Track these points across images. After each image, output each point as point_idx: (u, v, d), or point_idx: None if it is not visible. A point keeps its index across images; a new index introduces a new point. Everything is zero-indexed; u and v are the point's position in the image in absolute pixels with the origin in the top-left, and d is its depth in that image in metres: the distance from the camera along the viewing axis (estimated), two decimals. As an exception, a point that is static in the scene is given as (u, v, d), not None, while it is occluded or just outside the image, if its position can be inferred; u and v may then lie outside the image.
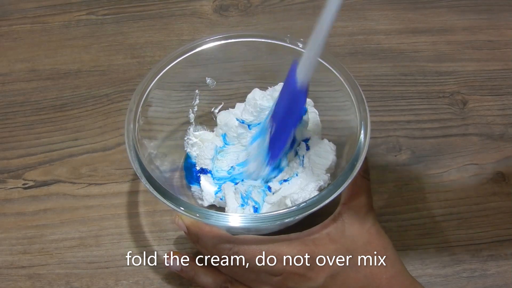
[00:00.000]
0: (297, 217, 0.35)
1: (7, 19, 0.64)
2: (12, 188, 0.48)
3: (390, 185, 0.48)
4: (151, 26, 0.63)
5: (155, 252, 0.44)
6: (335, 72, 0.42)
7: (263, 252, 0.36)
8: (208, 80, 0.46)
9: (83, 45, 0.61)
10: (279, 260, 0.36)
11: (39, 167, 0.50)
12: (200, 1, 0.65)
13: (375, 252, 0.37)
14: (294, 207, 0.35)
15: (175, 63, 0.43)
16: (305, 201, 0.35)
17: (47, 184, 0.49)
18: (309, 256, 0.36)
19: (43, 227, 0.46)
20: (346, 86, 0.41)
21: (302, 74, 0.37)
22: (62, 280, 0.43)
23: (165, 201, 0.35)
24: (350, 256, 0.36)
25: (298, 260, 0.36)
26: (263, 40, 0.44)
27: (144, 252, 0.44)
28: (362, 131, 0.39)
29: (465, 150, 0.51)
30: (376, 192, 0.48)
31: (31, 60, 0.59)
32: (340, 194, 0.36)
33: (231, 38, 0.44)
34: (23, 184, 0.49)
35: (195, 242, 0.38)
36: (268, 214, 0.34)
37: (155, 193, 0.35)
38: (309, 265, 0.36)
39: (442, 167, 0.49)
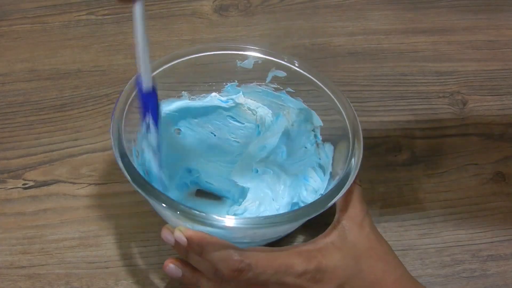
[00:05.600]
0: (293, 224, 0.35)
1: (7, 19, 0.64)
2: (12, 188, 0.48)
3: (390, 185, 0.48)
4: (151, 26, 0.63)
5: (155, 252, 0.44)
6: (319, 83, 0.42)
7: (276, 265, 0.35)
8: (184, 93, 0.46)
9: (83, 45, 0.61)
10: (290, 273, 0.35)
11: (39, 167, 0.50)
12: (200, 1, 0.65)
13: (378, 258, 0.37)
14: (290, 212, 0.35)
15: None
16: (307, 205, 0.35)
17: (47, 184, 0.48)
18: (317, 268, 0.35)
19: (43, 227, 0.46)
20: (333, 98, 0.42)
21: (144, 81, 0.36)
22: (62, 280, 0.43)
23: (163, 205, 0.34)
24: (356, 264, 0.36)
25: (308, 273, 0.35)
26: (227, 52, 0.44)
27: (144, 252, 0.44)
28: (355, 147, 0.38)
29: (465, 150, 0.51)
30: (376, 192, 0.48)
31: (31, 60, 0.59)
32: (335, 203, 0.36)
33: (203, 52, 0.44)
34: (23, 184, 0.49)
35: (199, 254, 0.36)
36: (266, 218, 0.34)
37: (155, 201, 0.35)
38: (318, 277, 0.36)
39: (442, 167, 0.49)
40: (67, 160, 0.50)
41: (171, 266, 0.38)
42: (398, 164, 0.50)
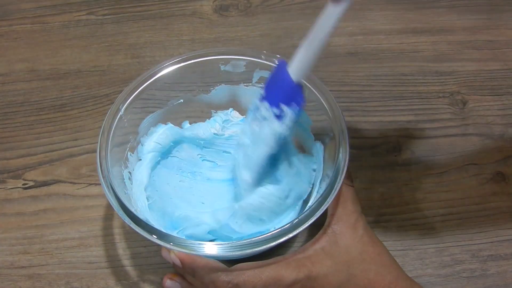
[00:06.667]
0: (289, 236, 0.34)
1: (7, 19, 0.64)
2: (12, 188, 0.48)
3: (390, 185, 0.48)
4: (151, 26, 0.63)
5: (155, 252, 0.44)
6: (307, 84, 0.41)
7: (264, 280, 0.35)
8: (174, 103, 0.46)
9: (83, 45, 0.61)
10: (280, 285, 0.35)
11: (39, 167, 0.50)
12: (200, 1, 0.66)
13: (371, 261, 0.37)
14: (285, 226, 0.34)
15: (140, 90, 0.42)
16: (291, 222, 0.35)
17: (47, 184, 0.49)
18: (308, 277, 0.35)
19: (43, 227, 0.46)
20: (318, 96, 0.41)
21: (297, 73, 0.37)
22: (62, 280, 0.43)
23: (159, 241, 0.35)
24: (348, 269, 0.36)
25: (297, 283, 0.35)
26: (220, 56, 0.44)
27: (144, 252, 0.44)
28: (340, 149, 0.38)
29: (465, 150, 0.51)
30: (376, 192, 0.48)
31: (31, 60, 0.59)
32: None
33: (188, 60, 0.44)
34: (23, 184, 0.49)
35: (192, 275, 0.37)
36: (258, 238, 0.34)
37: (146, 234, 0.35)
38: (308, 285, 0.35)
39: (442, 167, 0.49)
40: (67, 160, 0.50)
41: (170, 282, 0.39)
42: (398, 164, 0.50)
